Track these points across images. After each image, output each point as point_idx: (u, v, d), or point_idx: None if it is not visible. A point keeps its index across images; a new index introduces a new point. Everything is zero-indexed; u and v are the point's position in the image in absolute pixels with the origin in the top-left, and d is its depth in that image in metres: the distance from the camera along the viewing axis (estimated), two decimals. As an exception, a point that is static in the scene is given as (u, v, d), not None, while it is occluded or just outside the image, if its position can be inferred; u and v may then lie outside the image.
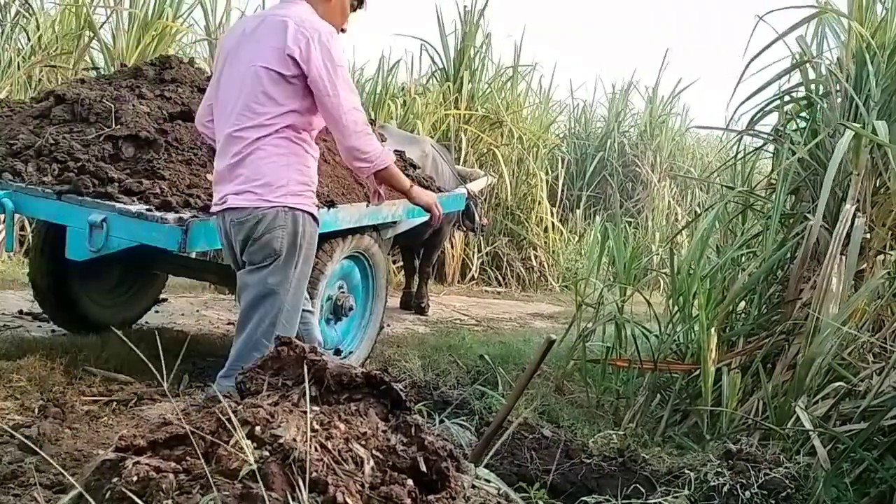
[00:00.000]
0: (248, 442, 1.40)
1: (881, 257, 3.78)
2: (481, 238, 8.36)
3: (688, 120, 12.57)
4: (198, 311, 5.74)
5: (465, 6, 8.97)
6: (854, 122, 3.69)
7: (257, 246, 2.61)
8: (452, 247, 8.45)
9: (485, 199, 8.44)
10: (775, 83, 4.23)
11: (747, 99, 4.22)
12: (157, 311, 5.22)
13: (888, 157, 3.62)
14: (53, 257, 4.01)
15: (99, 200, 3.09)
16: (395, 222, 4.31)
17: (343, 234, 3.79)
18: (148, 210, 3.03)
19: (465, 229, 7.24)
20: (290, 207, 2.62)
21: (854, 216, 3.52)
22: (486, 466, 2.08)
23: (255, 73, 2.58)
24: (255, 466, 1.34)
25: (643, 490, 2.69)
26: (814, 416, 3.02)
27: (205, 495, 1.34)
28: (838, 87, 3.94)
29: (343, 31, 2.89)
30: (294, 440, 1.43)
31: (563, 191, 10.80)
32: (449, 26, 9.08)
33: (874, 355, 3.43)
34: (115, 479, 1.38)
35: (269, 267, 2.63)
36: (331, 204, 3.60)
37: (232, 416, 1.43)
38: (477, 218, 6.48)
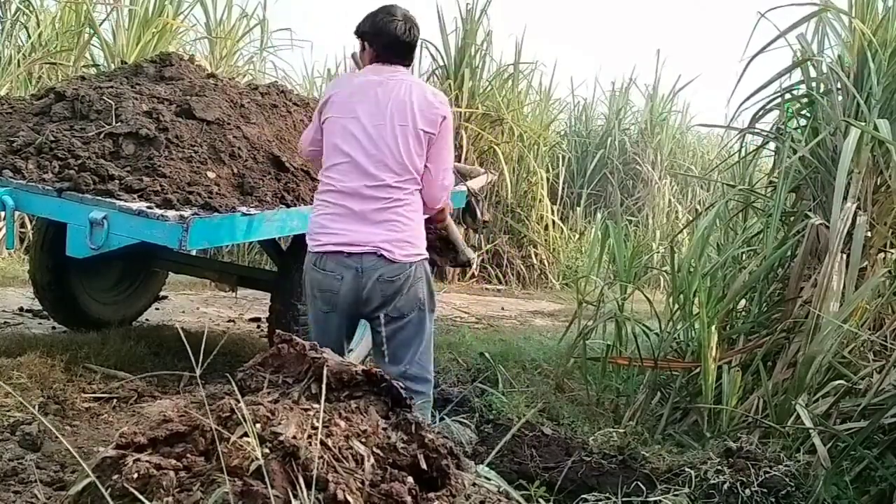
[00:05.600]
0: (249, 439, 1.40)
1: (882, 255, 3.78)
2: (482, 236, 8.35)
3: (688, 118, 12.57)
4: (198, 308, 5.74)
5: (466, 4, 8.97)
6: (855, 119, 3.69)
7: (405, 299, 2.74)
8: (453, 245, 8.43)
9: (485, 197, 8.43)
10: (776, 81, 4.23)
11: (749, 97, 4.22)
12: (157, 309, 5.23)
13: (889, 156, 3.62)
14: (54, 255, 4.01)
15: (99, 198, 3.09)
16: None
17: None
18: (148, 208, 3.03)
19: (465, 226, 7.23)
20: (423, 258, 2.82)
21: (855, 214, 3.52)
22: (487, 464, 2.09)
23: (413, 132, 2.72)
24: (261, 462, 1.34)
25: (643, 488, 2.69)
26: (814, 414, 3.02)
27: (205, 492, 1.34)
28: (839, 85, 3.93)
29: None
30: (294, 438, 1.43)
31: (563, 189, 10.79)
32: (450, 24, 9.08)
33: (875, 353, 3.43)
34: (115, 477, 1.38)
35: (415, 314, 2.78)
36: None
37: (240, 413, 1.43)
38: (479, 214, 6.47)
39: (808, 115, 4.27)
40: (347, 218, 2.71)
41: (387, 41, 2.77)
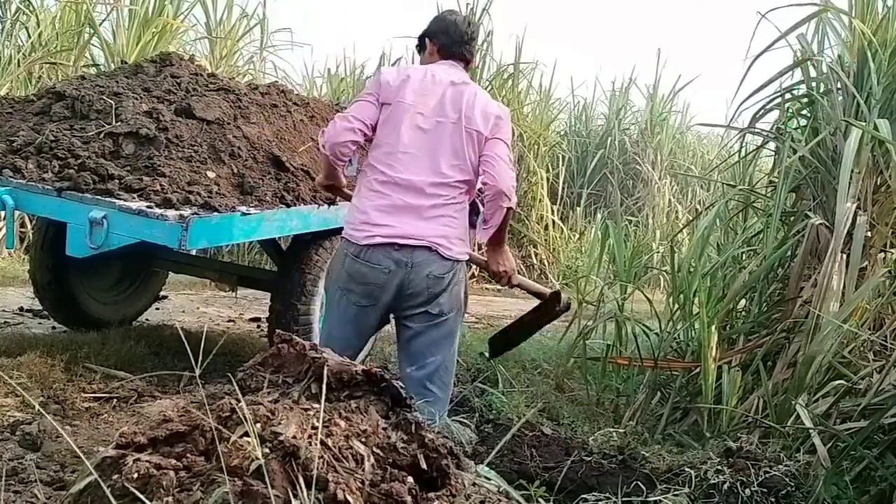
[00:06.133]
0: (249, 439, 1.40)
1: (882, 255, 3.78)
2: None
3: (688, 118, 12.57)
4: (198, 308, 5.74)
5: (467, 4, 8.96)
6: (855, 119, 3.69)
7: (447, 297, 2.75)
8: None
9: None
10: (776, 81, 4.23)
11: (749, 97, 4.21)
12: (157, 309, 5.23)
13: (889, 155, 3.62)
14: (54, 254, 4.01)
15: (99, 197, 3.09)
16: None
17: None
18: (148, 207, 3.03)
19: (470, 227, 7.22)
20: (466, 259, 2.86)
21: (855, 214, 3.52)
22: (487, 464, 2.08)
23: (476, 135, 2.75)
24: (262, 462, 1.34)
25: (643, 488, 2.68)
26: (814, 414, 3.01)
27: (205, 492, 1.34)
28: (839, 85, 3.93)
29: None
30: (294, 437, 1.43)
31: (563, 188, 10.79)
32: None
33: (875, 353, 3.43)
34: (115, 476, 1.38)
35: (454, 314, 2.80)
36: (331, 202, 3.60)
37: (241, 413, 1.43)
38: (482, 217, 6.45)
39: (808, 114, 4.27)
40: (402, 211, 2.67)
41: (450, 37, 2.87)
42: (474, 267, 8.74)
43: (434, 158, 2.71)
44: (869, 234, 3.66)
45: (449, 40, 2.87)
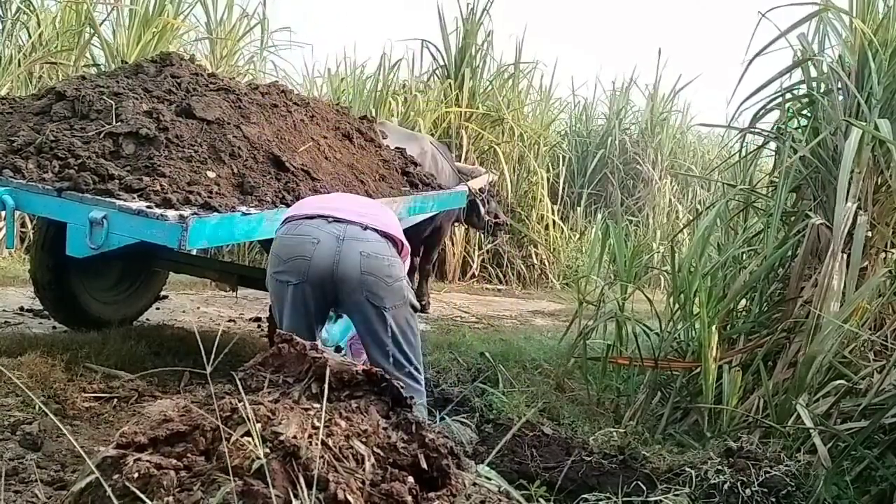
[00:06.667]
0: (250, 439, 1.40)
1: (882, 255, 3.78)
2: (482, 235, 8.35)
3: (689, 117, 12.58)
4: (198, 307, 5.74)
5: (467, 4, 8.97)
6: (856, 119, 3.69)
7: (388, 291, 2.63)
8: (453, 244, 8.44)
9: (498, 200, 8.42)
10: (777, 81, 4.23)
11: (749, 97, 4.22)
12: (157, 308, 5.23)
13: (889, 155, 3.62)
14: (54, 254, 4.01)
15: (99, 197, 3.09)
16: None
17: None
18: (148, 207, 3.02)
19: (466, 226, 7.23)
20: (405, 266, 2.79)
21: (856, 214, 3.52)
22: (487, 464, 2.08)
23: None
24: (262, 462, 1.34)
25: (644, 488, 2.68)
26: (814, 414, 3.01)
27: (206, 492, 1.34)
28: (840, 85, 3.93)
29: None
30: (295, 437, 1.43)
31: (563, 188, 10.80)
32: (450, 24, 9.08)
33: (875, 353, 3.43)
34: (116, 476, 1.38)
35: (400, 305, 2.71)
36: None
37: (242, 412, 1.43)
38: (483, 214, 6.45)
39: (809, 114, 4.27)
40: (337, 198, 2.73)
41: None
42: (475, 266, 8.76)
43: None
44: (869, 234, 3.66)
45: None
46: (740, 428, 3.35)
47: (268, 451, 1.40)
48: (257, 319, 5.45)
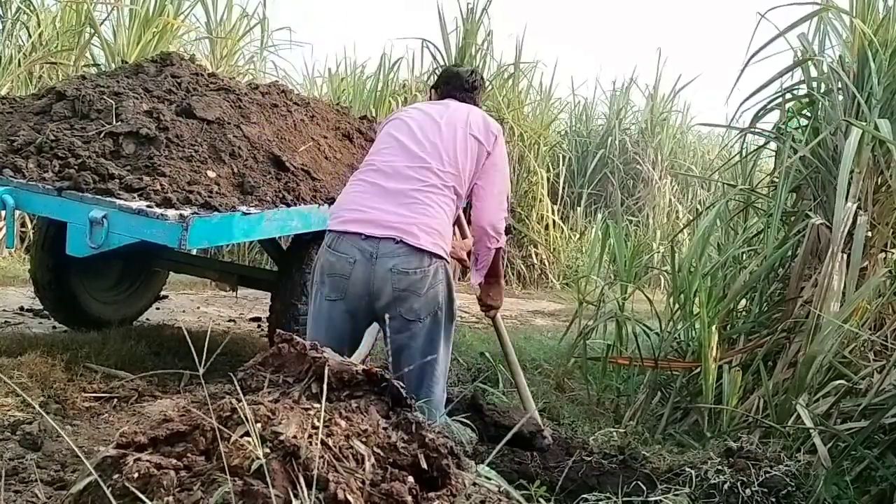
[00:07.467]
0: (250, 439, 1.40)
1: (882, 255, 3.78)
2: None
3: (689, 117, 12.59)
4: (198, 307, 5.74)
5: (467, 4, 8.97)
6: (856, 119, 3.69)
7: (422, 301, 2.57)
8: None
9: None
10: (777, 81, 4.23)
11: (749, 96, 4.22)
12: (157, 308, 5.23)
13: (889, 155, 3.62)
14: (55, 254, 4.01)
15: (99, 197, 3.09)
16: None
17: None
18: (148, 207, 3.03)
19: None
20: (446, 259, 2.65)
21: (856, 214, 3.52)
22: (487, 464, 2.08)
23: (464, 134, 2.71)
24: (262, 461, 1.34)
25: (644, 488, 2.68)
26: (814, 414, 3.01)
27: (206, 492, 1.34)
28: (840, 85, 3.93)
29: None
30: (295, 437, 1.42)
31: (564, 188, 10.80)
32: (450, 24, 9.08)
33: (875, 353, 3.43)
34: (116, 476, 1.38)
35: (431, 319, 2.64)
36: (331, 201, 3.60)
37: (242, 412, 1.43)
38: None
39: (809, 114, 4.27)
40: (377, 195, 2.58)
41: (452, 83, 2.92)
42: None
43: (420, 147, 2.66)
44: (869, 234, 3.66)
45: (448, 86, 2.93)
46: (740, 428, 3.35)
47: (268, 450, 1.40)
48: (257, 319, 5.45)
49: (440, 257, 2.58)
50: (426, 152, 2.64)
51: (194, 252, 4.59)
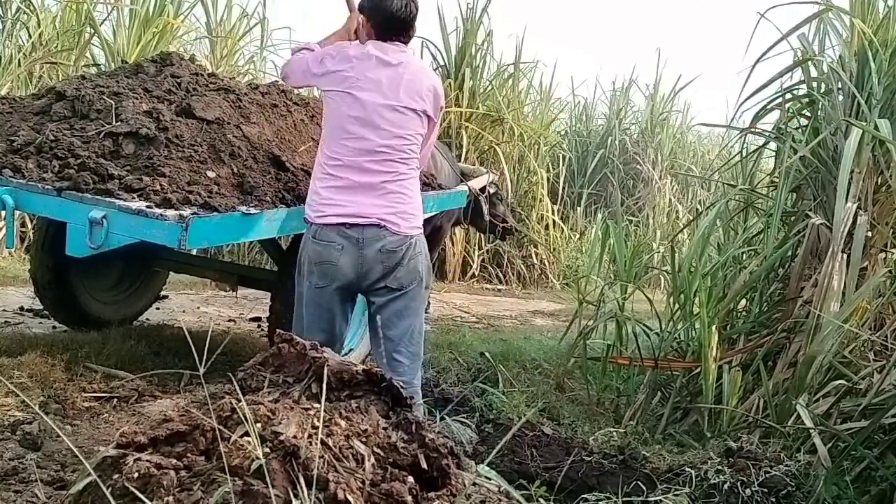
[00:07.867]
0: (250, 438, 1.40)
1: (882, 255, 3.78)
2: (482, 235, 8.35)
3: (689, 117, 12.59)
4: (198, 307, 5.74)
5: (467, 3, 8.97)
6: (856, 119, 3.69)
7: (405, 271, 2.80)
8: (453, 244, 8.44)
9: (486, 197, 8.42)
10: (777, 81, 4.23)
11: (749, 97, 4.22)
12: (157, 308, 5.23)
13: (889, 155, 3.62)
14: (54, 254, 4.01)
15: (99, 197, 3.08)
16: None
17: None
18: (148, 207, 3.02)
19: (466, 228, 7.22)
20: (421, 232, 2.90)
21: (856, 214, 3.52)
22: (487, 464, 2.08)
23: (421, 115, 2.84)
24: (262, 461, 1.34)
25: (644, 487, 2.69)
26: (814, 414, 3.01)
27: (206, 492, 1.34)
28: (840, 85, 3.93)
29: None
30: (295, 437, 1.42)
31: (564, 188, 10.80)
32: (450, 23, 9.08)
33: (875, 353, 3.43)
34: (116, 476, 1.38)
35: (415, 286, 2.85)
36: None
37: (241, 412, 1.43)
38: (485, 214, 6.44)
39: (809, 114, 4.28)
40: (351, 191, 2.75)
41: (384, 16, 2.81)
42: (475, 266, 8.76)
43: (379, 138, 2.77)
44: (869, 233, 3.66)
45: (380, 21, 2.83)
46: (740, 428, 3.35)
47: (268, 450, 1.40)
48: (257, 319, 5.45)
49: (418, 230, 2.85)
50: (386, 140, 2.77)
51: (194, 252, 4.58)
